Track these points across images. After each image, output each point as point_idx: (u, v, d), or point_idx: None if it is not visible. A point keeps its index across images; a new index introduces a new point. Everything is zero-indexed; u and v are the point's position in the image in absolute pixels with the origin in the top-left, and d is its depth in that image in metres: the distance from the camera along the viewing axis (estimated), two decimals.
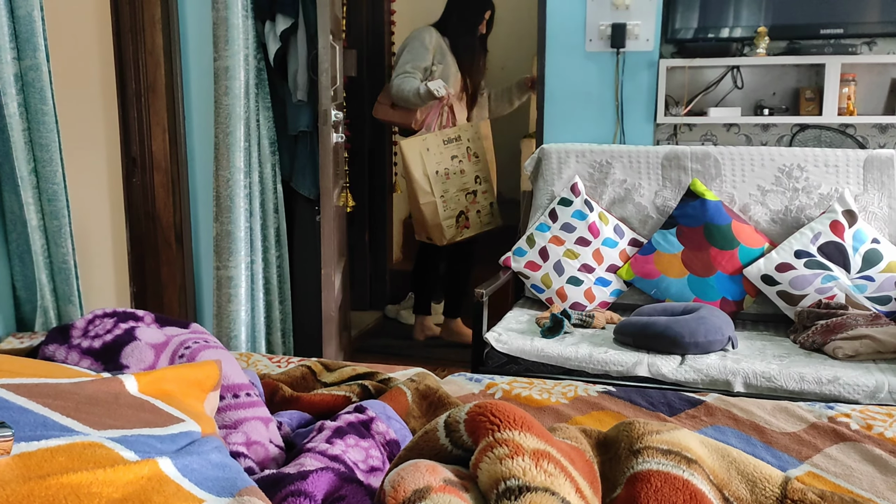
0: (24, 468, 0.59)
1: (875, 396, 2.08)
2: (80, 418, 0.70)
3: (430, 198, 3.36)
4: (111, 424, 0.71)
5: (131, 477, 0.63)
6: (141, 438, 0.71)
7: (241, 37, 2.56)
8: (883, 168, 2.62)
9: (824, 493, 0.88)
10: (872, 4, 2.80)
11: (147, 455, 0.69)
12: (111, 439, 0.68)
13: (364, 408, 1.18)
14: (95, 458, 0.64)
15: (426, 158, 3.32)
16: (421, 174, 3.31)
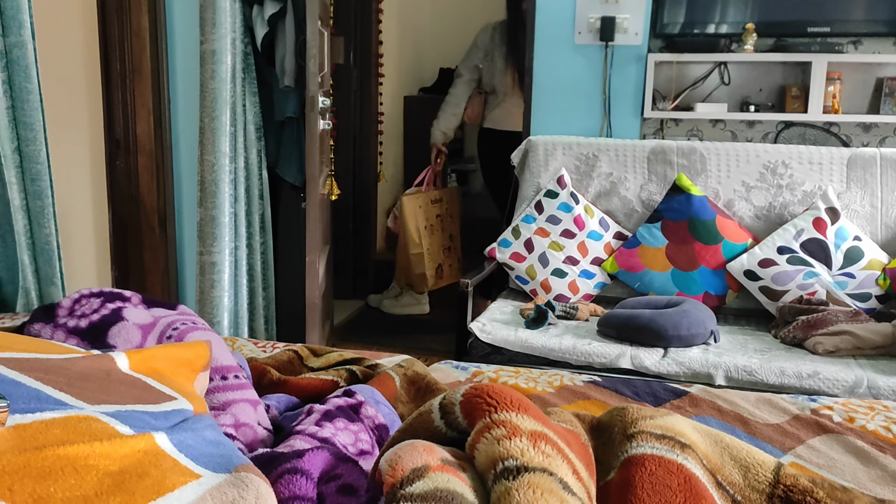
0: (20, 439, 0.59)
1: (854, 392, 2.11)
2: (74, 393, 0.69)
3: (418, 249, 3.72)
4: (104, 400, 0.71)
5: (127, 450, 0.63)
6: (135, 414, 0.71)
7: (228, 20, 2.53)
8: (866, 167, 2.66)
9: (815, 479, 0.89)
10: (859, 4, 2.83)
11: (142, 430, 0.68)
12: (106, 413, 0.67)
13: (353, 392, 1.18)
14: (91, 431, 0.63)
15: (418, 214, 3.68)
16: (414, 227, 3.65)
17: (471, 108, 3.64)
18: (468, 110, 3.65)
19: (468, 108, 3.64)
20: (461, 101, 3.64)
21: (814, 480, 0.88)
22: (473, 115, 3.65)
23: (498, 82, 3.55)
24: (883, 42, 2.83)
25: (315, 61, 2.58)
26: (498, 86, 3.56)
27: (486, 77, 3.59)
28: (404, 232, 3.64)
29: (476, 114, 3.66)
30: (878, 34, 2.82)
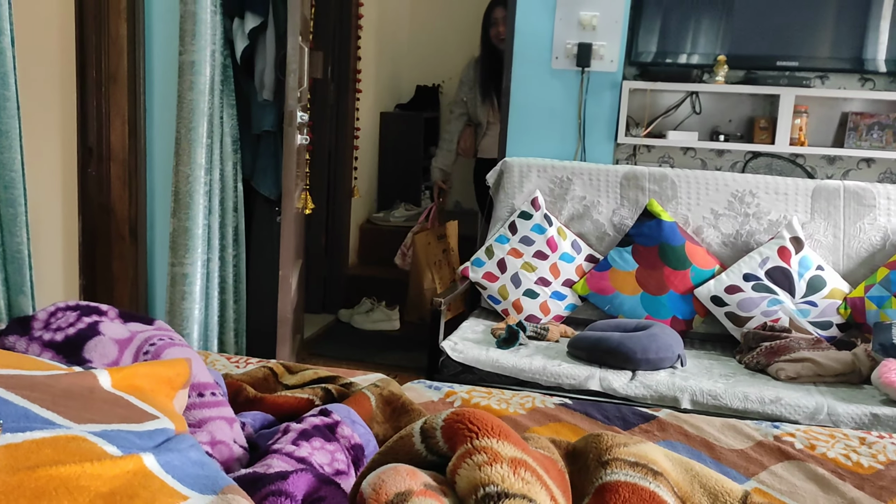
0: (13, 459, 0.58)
1: (814, 418, 2.17)
2: (60, 411, 0.69)
3: (431, 284, 3.85)
4: (90, 419, 0.70)
5: (117, 471, 0.63)
6: (121, 434, 0.71)
7: (208, 32, 2.53)
8: (830, 198, 2.74)
9: None
10: (826, 40, 2.92)
11: (129, 450, 0.68)
12: (93, 433, 0.67)
13: (329, 411, 1.18)
14: (81, 451, 0.63)
15: (428, 251, 3.80)
16: (426, 264, 3.79)
17: (463, 141, 3.78)
18: (460, 144, 3.78)
19: (460, 142, 3.78)
20: (454, 137, 3.79)
21: None
22: (466, 147, 3.79)
23: (480, 114, 3.70)
24: (848, 78, 2.92)
25: (295, 76, 2.59)
26: (481, 117, 3.71)
27: (471, 110, 3.74)
28: (417, 269, 3.79)
29: (469, 146, 3.79)
30: (844, 70, 2.91)
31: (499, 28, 3.47)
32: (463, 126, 3.78)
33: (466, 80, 3.72)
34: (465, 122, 3.77)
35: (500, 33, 3.46)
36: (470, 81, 3.71)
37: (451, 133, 3.79)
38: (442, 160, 3.83)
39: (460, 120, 3.77)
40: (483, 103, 3.67)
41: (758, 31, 2.96)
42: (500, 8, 3.46)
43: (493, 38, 3.52)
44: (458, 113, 3.77)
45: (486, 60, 3.61)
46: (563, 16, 3.01)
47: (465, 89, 3.72)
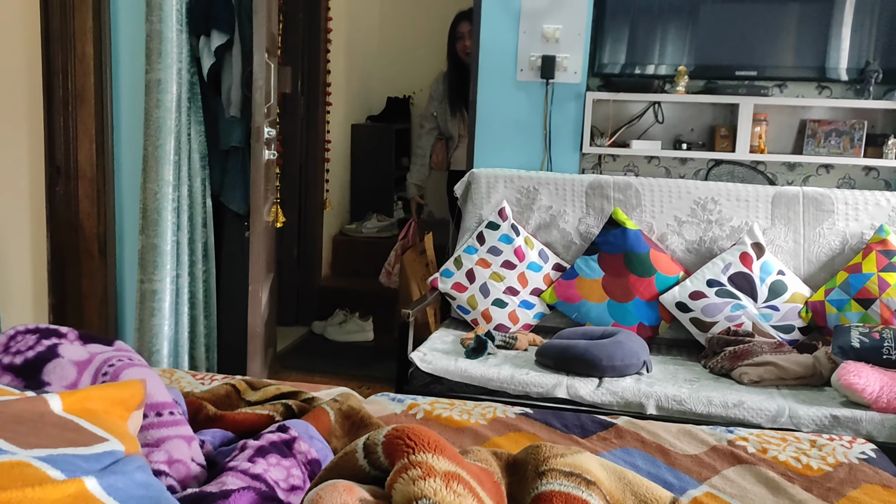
0: None
1: (776, 420, 2.22)
2: (7, 437, 0.70)
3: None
4: (37, 444, 0.72)
5: (59, 496, 0.65)
6: (67, 458, 0.72)
7: (174, 50, 2.54)
8: (789, 204, 2.80)
9: None
10: (784, 50, 3.00)
11: (73, 474, 0.70)
12: (38, 458, 0.69)
13: (287, 427, 1.20)
14: (24, 476, 0.65)
15: (414, 267, 3.82)
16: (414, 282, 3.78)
17: (435, 155, 3.83)
18: (433, 158, 3.83)
19: (433, 157, 3.83)
20: (427, 152, 3.84)
21: None
22: (438, 161, 3.84)
23: (451, 127, 3.75)
24: (806, 86, 3.00)
25: (261, 93, 2.61)
26: (452, 130, 3.76)
27: (441, 124, 3.79)
28: (406, 287, 3.82)
29: (441, 160, 3.84)
30: (802, 79, 2.99)
31: (465, 42, 3.52)
32: (434, 140, 3.83)
33: (436, 95, 3.77)
34: (437, 137, 3.82)
35: (466, 47, 3.51)
36: (439, 96, 3.75)
37: (423, 148, 3.84)
38: (416, 176, 3.87)
39: (431, 134, 3.82)
40: (453, 117, 3.72)
41: (718, 42, 3.03)
42: (466, 22, 3.51)
43: (460, 51, 3.57)
44: (429, 127, 3.82)
45: (453, 74, 3.66)
46: (526, 29, 3.06)
47: (435, 104, 3.77)
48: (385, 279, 4.01)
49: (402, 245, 3.94)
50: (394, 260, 3.96)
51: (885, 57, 2.87)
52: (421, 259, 3.93)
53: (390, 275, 3.98)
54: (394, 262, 3.96)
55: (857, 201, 2.76)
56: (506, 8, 3.07)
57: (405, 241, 3.94)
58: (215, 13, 2.63)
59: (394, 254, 3.96)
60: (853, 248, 2.72)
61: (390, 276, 3.98)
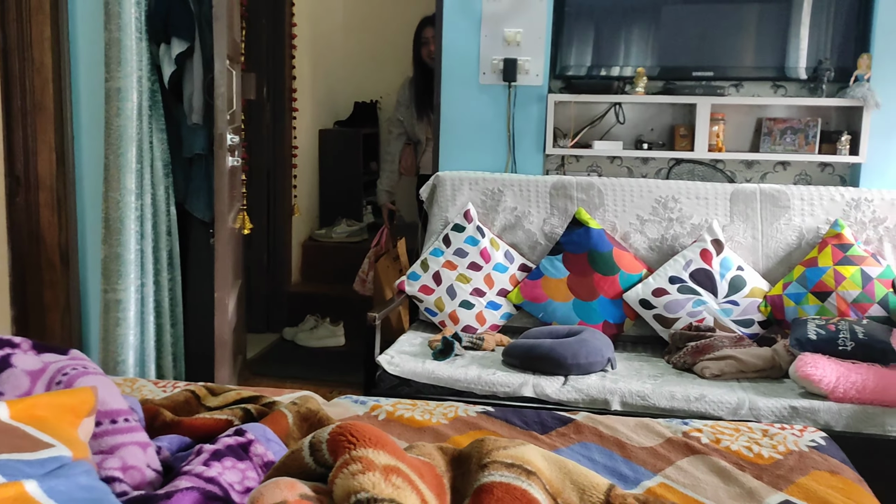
0: None
1: (737, 413, 2.26)
2: None
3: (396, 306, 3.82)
4: None
5: None
6: (10, 463, 0.73)
7: (134, 58, 2.53)
8: (747, 201, 2.86)
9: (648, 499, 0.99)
10: (740, 50, 3.06)
11: (14, 478, 0.70)
12: None
13: (244, 431, 1.21)
14: None
15: (388, 273, 3.78)
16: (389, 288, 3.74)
17: (404, 160, 3.84)
18: (402, 163, 3.83)
19: (402, 161, 3.83)
20: (395, 158, 3.84)
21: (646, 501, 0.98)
22: (407, 166, 3.85)
23: (419, 132, 3.75)
24: (762, 86, 3.06)
25: (223, 99, 2.61)
26: (419, 135, 3.77)
27: (409, 129, 3.80)
28: (381, 294, 3.82)
29: (410, 165, 3.85)
30: (757, 78, 3.05)
31: (430, 47, 3.54)
32: (402, 145, 3.83)
33: (402, 100, 3.78)
34: (405, 142, 3.82)
35: (431, 52, 3.53)
36: (406, 101, 3.76)
37: (392, 154, 3.84)
38: (386, 182, 3.87)
39: (399, 140, 3.82)
40: (420, 121, 3.73)
41: (678, 43, 3.08)
42: (430, 27, 3.53)
43: (425, 56, 3.59)
44: (397, 133, 3.82)
45: (419, 79, 3.67)
46: (488, 33, 3.09)
47: (402, 109, 3.78)
48: (360, 287, 4.00)
49: (376, 252, 3.94)
50: (367, 267, 3.96)
51: (839, 55, 2.95)
52: (395, 265, 3.94)
53: (364, 282, 3.98)
54: (368, 270, 3.96)
55: (812, 197, 2.82)
56: (467, 13, 3.10)
57: (378, 248, 3.95)
58: (175, 21, 2.62)
59: (367, 261, 3.97)
60: (809, 243, 2.78)
61: (365, 284, 3.98)
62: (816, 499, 1.29)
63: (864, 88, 2.82)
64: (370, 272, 3.94)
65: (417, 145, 3.83)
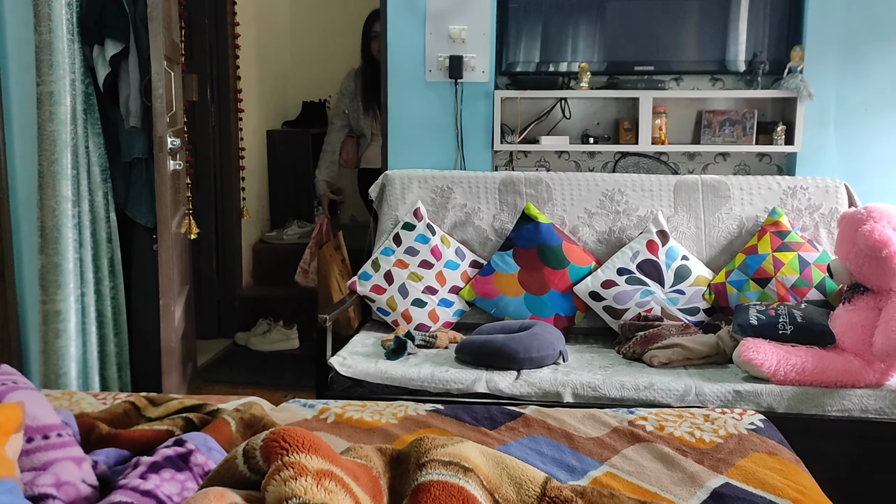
0: None
1: (684, 399, 2.31)
2: None
3: (341, 296, 3.75)
4: None
5: None
6: None
7: (66, 61, 2.46)
8: (690, 192, 2.92)
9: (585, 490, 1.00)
10: (680, 45, 3.11)
11: None
12: None
13: (183, 441, 1.19)
14: None
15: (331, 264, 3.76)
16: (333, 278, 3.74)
17: (345, 152, 3.79)
18: (342, 155, 3.79)
19: (342, 153, 3.79)
20: (336, 149, 3.79)
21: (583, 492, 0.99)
22: (348, 158, 3.80)
23: (364, 125, 3.72)
24: (701, 79, 3.12)
25: (162, 101, 2.56)
26: (364, 128, 3.74)
27: (352, 121, 3.76)
28: (326, 284, 3.78)
29: (351, 157, 3.81)
30: (696, 72, 3.11)
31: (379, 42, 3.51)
32: (345, 137, 3.79)
33: (347, 92, 3.74)
34: (347, 134, 3.79)
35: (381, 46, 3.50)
36: (350, 93, 3.72)
37: (333, 145, 3.80)
38: (326, 173, 3.83)
39: (342, 131, 3.79)
40: (366, 115, 3.70)
41: (618, 39, 3.13)
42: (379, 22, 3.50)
43: (375, 51, 3.56)
44: (340, 125, 3.79)
45: (367, 72, 3.64)
46: (432, 30, 3.09)
47: (346, 101, 3.74)
48: (301, 278, 3.94)
49: (317, 242, 3.90)
50: (309, 258, 3.90)
51: (774, 48, 3.02)
52: (337, 254, 3.90)
53: (307, 273, 3.92)
54: (310, 260, 3.90)
55: (751, 186, 2.89)
56: (411, 10, 3.09)
57: (319, 238, 3.90)
58: (108, 21, 2.55)
59: (308, 251, 3.91)
60: (749, 231, 2.85)
61: (307, 275, 3.92)
62: (755, 479, 1.33)
63: (798, 80, 2.90)
64: (312, 262, 3.88)
65: (361, 138, 3.79)
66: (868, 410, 2.26)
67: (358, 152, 3.82)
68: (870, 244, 2.26)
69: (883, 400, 2.26)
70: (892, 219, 2.32)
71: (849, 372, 2.29)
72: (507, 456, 1.03)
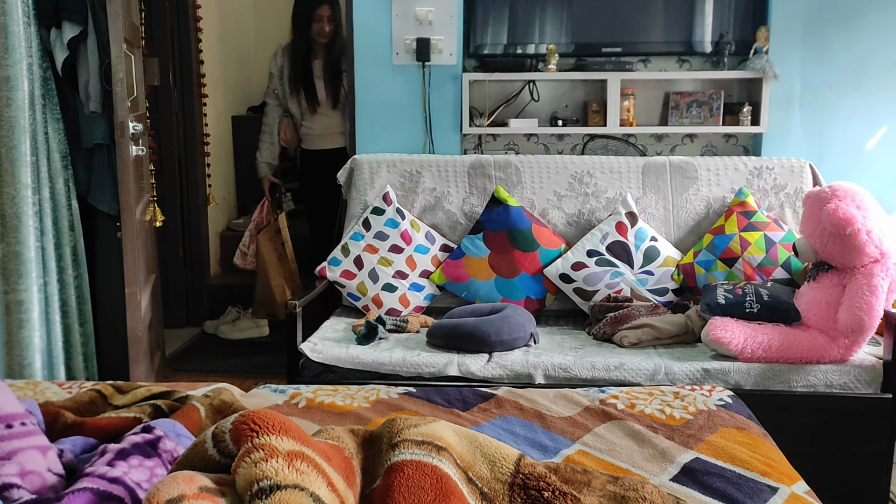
0: None
1: (654, 378, 2.34)
2: None
3: (279, 279, 3.77)
4: None
5: None
6: None
7: (22, 44, 2.39)
8: (658, 173, 2.94)
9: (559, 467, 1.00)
10: (646, 27, 3.12)
11: None
12: None
13: (151, 427, 1.17)
14: None
15: (270, 248, 3.75)
16: (269, 261, 3.73)
17: (282, 132, 3.69)
18: (280, 135, 3.69)
19: (280, 134, 3.69)
20: (274, 129, 3.69)
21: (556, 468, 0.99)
22: (287, 138, 3.70)
23: (291, 105, 3.63)
24: (668, 60, 3.14)
25: (122, 85, 2.50)
26: (291, 108, 3.63)
27: (282, 101, 3.65)
28: (263, 268, 3.74)
29: (290, 137, 3.71)
30: (664, 53, 3.13)
31: (323, 25, 3.44)
32: (279, 117, 3.68)
33: (275, 71, 3.63)
34: (282, 114, 3.68)
35: (323, 30, 3.45)
36: (278, 72, 3.62)
37: (270, 126, 3.69)
38: (267, 154, 3.71)
39: (276, 111, 3.68)
40: (292, 95, 3.59)
41: (586, 20, 3.12)
42: (326, 6, 3.44)
43: (315, 33, 3.48)
44: (273, 105, 3.68)
45: (301, 51, 3.53)
46: (399, 12, 3.06)
47: (276, 80, 3.63)
48: (240, 261, 3.91)
49: (257, 225, 3.84)
50: (248, 241, 3.86)
51: (740, 29, 3.04)
52: (276, 239, 3.85)
53: (245, 255, 3.89)
54: (249, 243, 3.86)
55: (717, 167, 2.92)
56: None
57: (259, 221, 3.85)
58: (65, 3, 2.48)
59: (248, 234, 3.86)
60: (717, 212, 2.88)
61: (246, 257, 3.89)
62: (724, 454, 1.35)
63: (763, 60, 2.93)
64: (251, 246, 3.84)
65: (294, 118, 3.69)
66: (833, 385, 2.31)
67: (296, 132, 3.71)
68: (834, 222, 2.30)
69: (847, 375, 2.31)
70: (855, 197, 2.36)
71: (814, 348, 2.33)
72: (481, 434, 1.02)
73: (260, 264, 3.77)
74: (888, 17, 2.96)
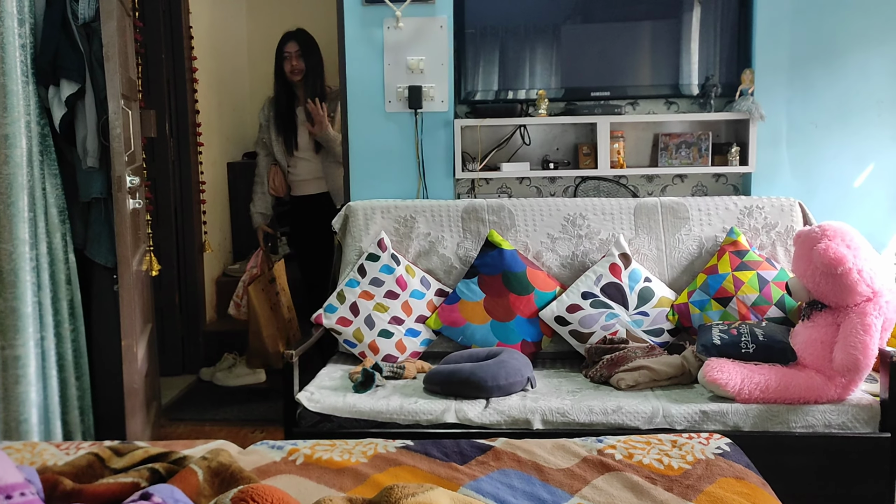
0: None
1: (652, 421, 2.34)
2: None
3: (272, 330, 3.85)
4: None
5: None
6: None
7: (21, 103, 2.43)
8: (650, 214, 2.97)
9: None
10: (634, 70, 3.19)
11: None
12: None
13: (150, 494, 1.17)
14: None
15: (262, 298, 3.81)
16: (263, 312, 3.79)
17: (271, 181, 3.76)
18: (269, 184, 3.77)
19: (269, 182, 3.76)
20: (265, 179, 3.78)
21: None
22: (276, 186, 3.77)
23: (277, 152, 3.71)
24: (656, 103, 3.19)
25: (120, 140, 2.53)
26: (278, 155, 3.72)
27: (270, 150, 3.74)
28: (256, 318, 3.78)
29: (279, 184, 3.78)
30: (651, 96, 3.18)
31: (291, 62, 3.55)
32: (269, 166, 3.76)
33: (263, 122, 3.74)
34: (271, 163, 3.76)
35: (293, 67, 3.55)
36: (265, 123, 3.73)
37: (261, 175, 3.78)
38: (260, 205, 3.79)
39: (266, 161, 3.77)
40: (276, 142, 3.68)
41: (574, 65, 3.19)
42: (293, 42, 3.56)
43: (287, 71, 3.58)
44: (263, 154, 3.77)
45: (280, 97, 3.64)
46: (391, 61, 3.11)
47: (264, 130, 3.73)
48: (234, 311, 3.95)
49: (251, 275, 3.88)
50: (241, 291, 3.90)
51: (725, 71, 3.10)
52: (270, 288, 3.89)
53: (239, 306, 3.92)
54: (242, 294, 3.89)
55: (708, 207, 2.95)
56: (369, 42, 3.12)
57: (254, 271, 3.88)
58: (63, 62, 2.53)
59: (241, 285, 3.91)
60: (709, 251, 2.91)
61: (239, 308, 3.92)
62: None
63: (749, 102, 2.98)
64: (244, 297, 3.87)
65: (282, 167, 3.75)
66: (831, 425, 2.31)
67: (286, 180, 3.77)
68: (825, 262, 2.33)
69: (845, 414, 2.32)
70: (845, 236, 2.39)
71: (811, 388, 2.34)
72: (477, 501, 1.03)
73: (252, 316, 3.80)
74: (869, 55, 3.02)
